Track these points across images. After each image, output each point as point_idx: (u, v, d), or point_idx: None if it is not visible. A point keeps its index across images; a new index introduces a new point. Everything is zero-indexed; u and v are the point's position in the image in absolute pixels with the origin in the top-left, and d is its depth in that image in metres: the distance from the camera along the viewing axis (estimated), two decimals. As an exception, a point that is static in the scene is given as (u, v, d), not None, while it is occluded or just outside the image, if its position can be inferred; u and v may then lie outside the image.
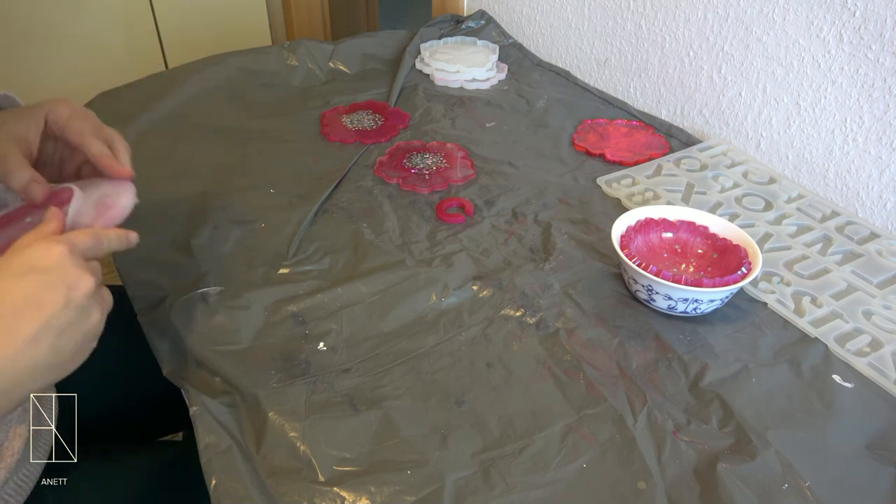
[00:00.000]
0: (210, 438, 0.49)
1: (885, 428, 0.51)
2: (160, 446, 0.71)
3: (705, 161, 0.82)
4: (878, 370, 0.55)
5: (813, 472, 0.47)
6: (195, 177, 0.79)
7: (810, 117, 0.77)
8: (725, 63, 0.84)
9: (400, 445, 0.49)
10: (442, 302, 0.62)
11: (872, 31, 0.68)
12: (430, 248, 0.68)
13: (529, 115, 0.95)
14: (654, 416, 0.51)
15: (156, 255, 0.66)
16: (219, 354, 0.55)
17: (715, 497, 0.45)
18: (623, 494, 0.46)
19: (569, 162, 0.84)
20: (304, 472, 0.47)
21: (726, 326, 0.60)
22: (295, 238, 0.68)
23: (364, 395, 0.52)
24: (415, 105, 0.97)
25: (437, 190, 0.77)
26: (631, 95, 1.00)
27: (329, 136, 0.88)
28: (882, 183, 0.72)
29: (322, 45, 1.07)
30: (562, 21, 1.08)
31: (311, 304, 0.60)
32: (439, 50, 1.08)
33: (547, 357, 0.56)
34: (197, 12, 1.73)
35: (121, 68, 1.65)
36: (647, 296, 0.59)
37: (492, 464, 0.47)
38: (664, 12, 0.90)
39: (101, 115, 0.94)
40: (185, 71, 0.99)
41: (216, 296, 0.61)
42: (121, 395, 0.72)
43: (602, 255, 0.68)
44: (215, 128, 0.89)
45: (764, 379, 0.54)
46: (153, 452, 0.67)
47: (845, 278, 0.64)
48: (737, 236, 0.62)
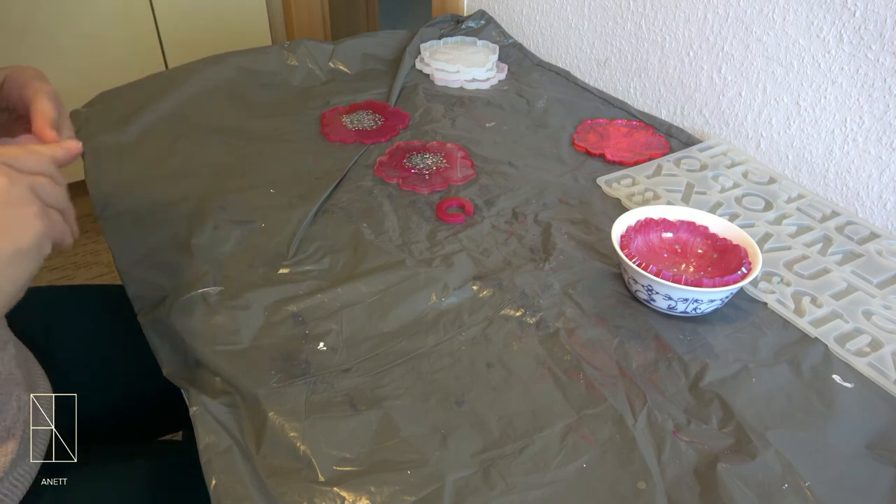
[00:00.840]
0: (210, 438, 0.49)
1: (885, 428, 0.51)
2: (160, 446, 0.72)
3: (705, 161, 0.82)
4: (878, 370, 0.55)
5: (813, 472, 0.47)
6: (195, 177, 0.79)
7: (810, 117, 0.77)
8: (725, 63, 0.84)
9: (400, 445, 0.49)
10: (442, 302, 0.62)
11: (872, 31, 0.68)
12: (430, 248, 0.68)
13: (529, 115, 0.95)
14: (654, 416, 0.51)
15: (156, 255, 0.66)
16: (219, 354, 0.55)
17: (715, 497, 0.45)
18: (623, 494, 0.46)
19: (569, 162, 0.84)
20: (304, 472, 0.47)
21: (726, 326, 0.60)
22: (295, 238, 0.68)
23: (364, 395, 0.52)
24: (415, 105, 0.97)
25: (437, 190, 0.77)
26: (631, 95, 1.00)
27: (329, 136, 0.88)
28: (882, 183, 0.72)
29: (322, 45, 1.07)
30: (562, 21, 1.08)
31: (311, 304, 0.60)
32: (439, 50, 1.08)
33: (547, 357, 0.56)
34: (197, 12, 1.73)
35: (121, 68, 1.65)
36: (647, 296, 0.59)
37: (492, 464, 0.47)
38: (664, 12, 0.90)
39: (101, 115, 0.94)
40: (185, 71, 0.99)
41: (216, 296, 0.61)
42: (121, 395, 0.72)
43: (602, 255, 0.68)
44: (215, 128, 0.89)
45: (764, 379, 0.54)
46: (153, 453, 0.67)
47: (845, 278, 0.64)
48: (737, 236, 0.62)
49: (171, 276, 0.63)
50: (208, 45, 1.71)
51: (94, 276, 1.64)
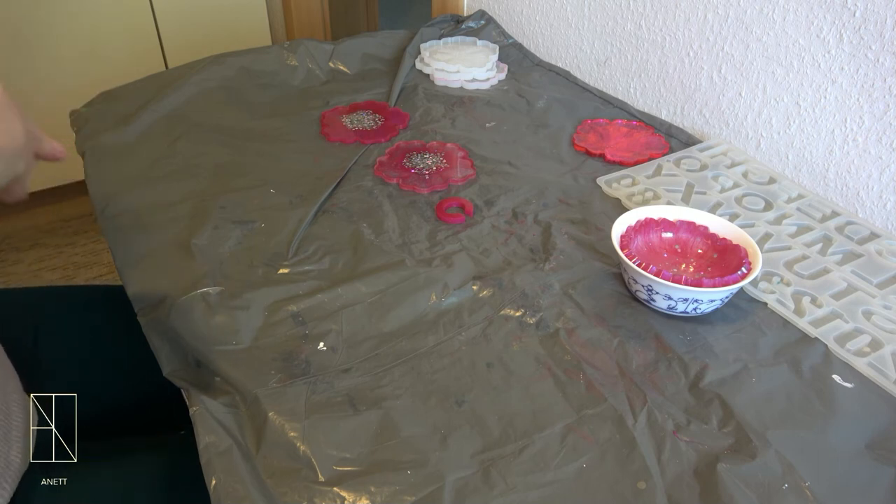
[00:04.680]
0: (210, 438, 0.49)
1: (885, 428, 0.51)
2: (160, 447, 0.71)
3: (705, 161, 0.82)
4: (878, 370, 0.55)
5: (813, 472, 0.47)
6: (195, 177, 0.79)
7: (810, 117, 0.77)
8: (725, 63, 0.84)
9: (400, 445, 0.49)
10: (442, 302, 0.62)
11: (872, 31, 0.68)
12: (430, 248, 0.68)
13: (529, 115, 0.95)
14: (654, 416, 0.51)
15: (156, 255, 0.66)
16: (219, 354, 0.55)
17: (715, 497, 0.45)
18: (623, 494, 0.46)
19: (569, 162, 0.84)
20: (303, 472, 0.47)
21: (726, 326, 0.60)
22: (295, 238, 0.68)
23: (364, 395, 0.52)
24: (415, 105, 0.97)
25: (437, 190, 0.77)
26: (631, 95, 1.00)
27: (329, 136, 0.88)
28: (882, 183, 0.72)
29: (322, 45, 1.07)
30: (562, 21, 1.08)
31: (311, 304, 0.60)
32: (439, 50, 1.08)
33: (547, 357, 0.56)
34: (197, 12, 1.73)
35: (121, 68, 1.65)
36: (647, 296, 0.59)
37: (492, 464, 0.47)
38: (664, 12, 0.90)
39: (101, 115, 0.94)
40: (185, 71, 0.99)
41: (216, 296, 0.61)
42: (121, 395, 0.72)
43: (602, 255, 0.68)
44: (215, 128, 0.89)
45: (764, 379, 0.54)
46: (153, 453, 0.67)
47: (845, 278, 0.64)
48: (737, 236, 0.62)
49: (171, 276, 0.63)
50: (208, 45, 1.71)
51: (94, 276, 1.64)
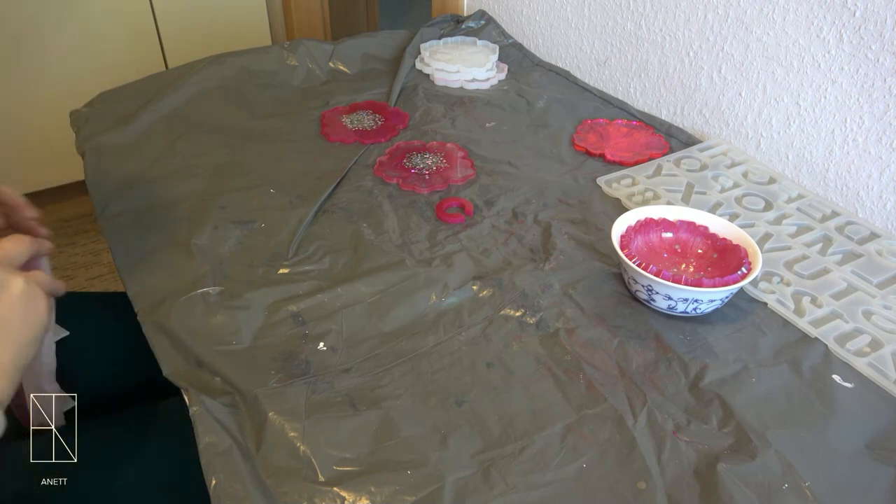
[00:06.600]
0: (210, 438, 0.49)
1: (885, 428, 0.51)
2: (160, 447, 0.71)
3: (705, 161, 0.82)
4: (878, 370, 0.55)
5: (813, 472, 0.47)
6: (195, 177, 0.79)
7: (810, 117, 0.77)
8: (725, 63, 0.84)
9: (400, 445, 0.49)
10: (442, 302, 0.62)
11: (872, 31, 0.68)
12: (430, 248, 0.68)
13: (529, 115, 0.95)
14: (654, 416, 0.51)
15: (156, 255, 0.66)
16: (219, 354, 0.55)
17: (715, 497, 0.45)
18: (623, 494, 0.46)
19: (569, 162, 0.84)
20: (303, 472, 0.47)
21: (726, 326, 0.60)
22: (295, 238, 0.68)
23: (364, 395, 0.52)
24: (415, 105, 0.97)
25: (437, 190, 0.77)
26: (631, 95, 1.00)
27: (329, 136, 0.88)
28: (882, 183, 0.72)
29: (322, 45, 1.07)
30: (562, 21, 1.08)
31: (311, 304, 0.60)
32: (439, 50, 1.08)
33: (547, 357, 0.56)
34: (197, 12, 1.73)
35: (121, 68, 1.65)
36: (647, 296, 0.59)
37: (492, 464, 0.47)
38: (664, 12, 0.90)
39: (101, 115, 0.94)
40: (185, 71, 0.99)
41: (216, 296, 0.61)
42: (121, 395, 0.72)
43: (602, 255, 0.68)
44: (215, 128, 0.89)
45: (764, 379, 0.54)
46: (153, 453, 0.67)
47: (845, 278, 0.64)
48: (737, 236, 0.62)
49: (171, 276, 0.63)
50: (208, 45, 1.71)
51: (94, 276, 1.64)
